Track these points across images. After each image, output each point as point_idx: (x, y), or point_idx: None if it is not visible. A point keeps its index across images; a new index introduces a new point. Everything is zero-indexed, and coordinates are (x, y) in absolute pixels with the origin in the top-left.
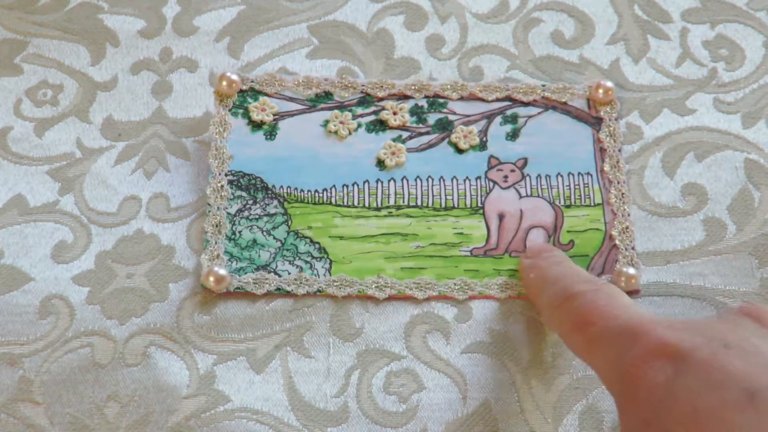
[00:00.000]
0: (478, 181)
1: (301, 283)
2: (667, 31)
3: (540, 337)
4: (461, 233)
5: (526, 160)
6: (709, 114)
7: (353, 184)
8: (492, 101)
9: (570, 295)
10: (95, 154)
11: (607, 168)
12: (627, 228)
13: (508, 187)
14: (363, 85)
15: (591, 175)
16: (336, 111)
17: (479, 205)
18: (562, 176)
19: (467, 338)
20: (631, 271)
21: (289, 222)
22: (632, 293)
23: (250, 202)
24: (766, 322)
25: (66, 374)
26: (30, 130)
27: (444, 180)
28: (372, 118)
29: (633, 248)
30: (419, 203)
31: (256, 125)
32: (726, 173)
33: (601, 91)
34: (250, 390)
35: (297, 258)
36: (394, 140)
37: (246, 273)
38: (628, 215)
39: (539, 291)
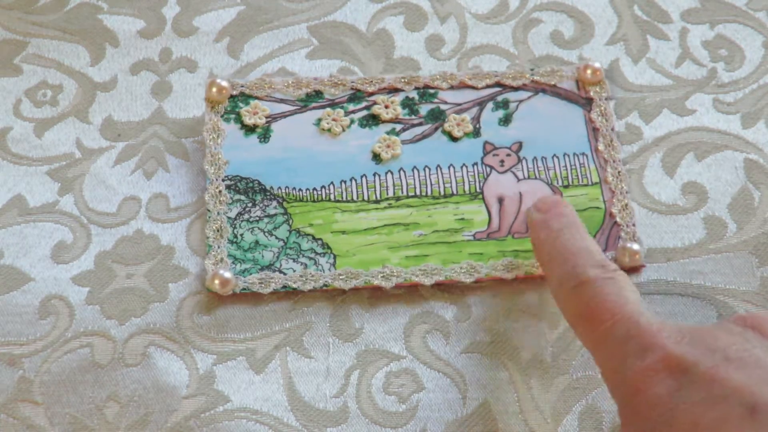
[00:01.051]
0: (475, 167)
1: (306, 279)
2: (667, 31)
3: (540, 336)
4: (462, 219)
5: (520, 144)
6: (708, 114)
7: (351, 180)
8: (482, 88)
9: (581, 281)
10: (95, 155)
11: (601, 147)
12: (626, 205)
13: (505, 171)
14: (353, 82)
15: (586, 155)
16: (328, 109)
17: (478, 190)
18: (557, 157)
19: (467, 338)
20: (635, 246)
21: (290, 221)
22: (637, 268)
23: (250, 204)
24: None
25: (66, 374)
26: (29, 131)
27: (441, 169)
28: (364, 113)
29: (633, 224)
30: (418, 193)
31: (249, 129)
32: (726, 173)
33: (589, 71)
34: (249, 390)
35: (301, 255)
36: (388, 133)
37: (251, 274)
38: (627, 192)
39: (549, 259)
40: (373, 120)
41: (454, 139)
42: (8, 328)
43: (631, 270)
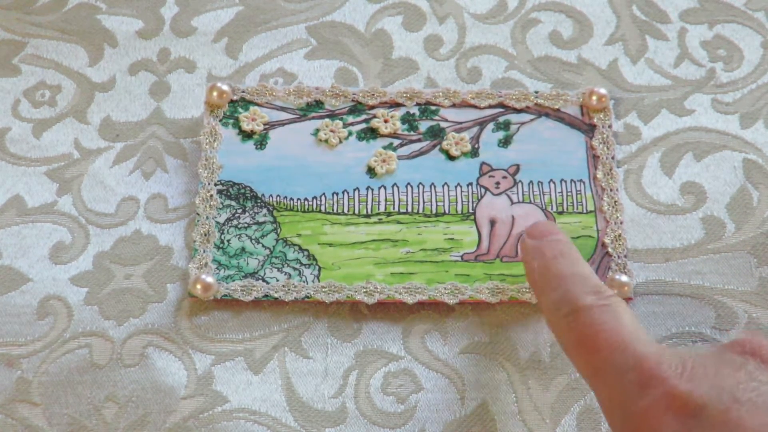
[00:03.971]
0: (470, 187)
1: (289, 289)
2: (666, 31)
3: (538, 337)
4: (452, 239)
5: (518, 167)
6: (707, 114)
7: (343, 192)
8: (484, 108)
9: (576, 308)
10: (93, 155)
11: (599, 175)
12: (619, 236)
13: (500, 194)
14: (354, 94)
15: (584, 182)
16: (326, 120)
17: (470, 211)
18: (554, 183)
19: (465, 338)
20: (624, 279)
21: (278, 230)
22: (625, 301)
23: (240, 210)
24: None
25: (64, 375)
26: (28, 131)
27: (435, 187)
28: (363, 126)
29: (625, 256)
30: (410, 210)
31: (247, 135)
32: (724, 173)
33: (594, 98)
34: (248, 390)
35: (285, 265)
36: (384, 148)
37: (234, 281)
38: (621, 223)
39: (542, 285)
40: (371, 133)
41: (451, 157)
42: (6, 329)
43: None
